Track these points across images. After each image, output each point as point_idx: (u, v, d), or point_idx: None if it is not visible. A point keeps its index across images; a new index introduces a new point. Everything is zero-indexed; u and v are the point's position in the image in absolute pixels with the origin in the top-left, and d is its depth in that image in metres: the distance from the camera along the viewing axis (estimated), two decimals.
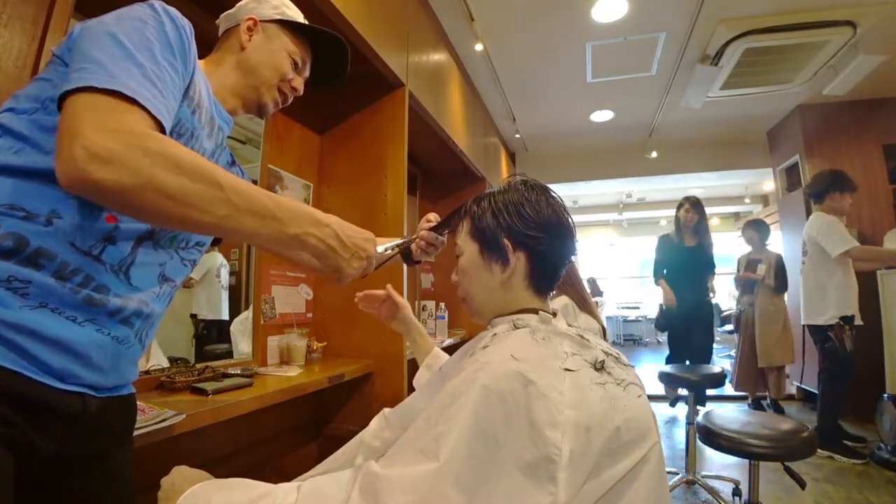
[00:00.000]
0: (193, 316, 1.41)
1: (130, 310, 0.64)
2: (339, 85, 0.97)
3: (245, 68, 0.81)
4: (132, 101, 0.52)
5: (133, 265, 0.64)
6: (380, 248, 0.78)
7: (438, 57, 2.38)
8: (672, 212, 3.72)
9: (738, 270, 3.88)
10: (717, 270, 3.57)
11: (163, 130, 0.56)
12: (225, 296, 1.50)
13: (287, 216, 0.59)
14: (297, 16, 0.88)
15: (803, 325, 3.06)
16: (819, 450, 2.66)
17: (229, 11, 0.85)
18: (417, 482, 0.50)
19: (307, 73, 0.90)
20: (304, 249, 0.63)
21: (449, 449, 0.50)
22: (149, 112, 0.53)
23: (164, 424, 0.83)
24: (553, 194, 0.75)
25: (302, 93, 0.89)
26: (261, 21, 0.83)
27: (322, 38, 0.88)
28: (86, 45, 0.54)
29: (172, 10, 0.63)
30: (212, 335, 1.46)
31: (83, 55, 0.53)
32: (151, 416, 0.83)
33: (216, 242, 0.90)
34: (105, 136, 0.48)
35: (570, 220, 0.74)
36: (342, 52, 0.91)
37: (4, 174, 0.55)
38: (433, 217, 0.98)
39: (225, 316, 1.50)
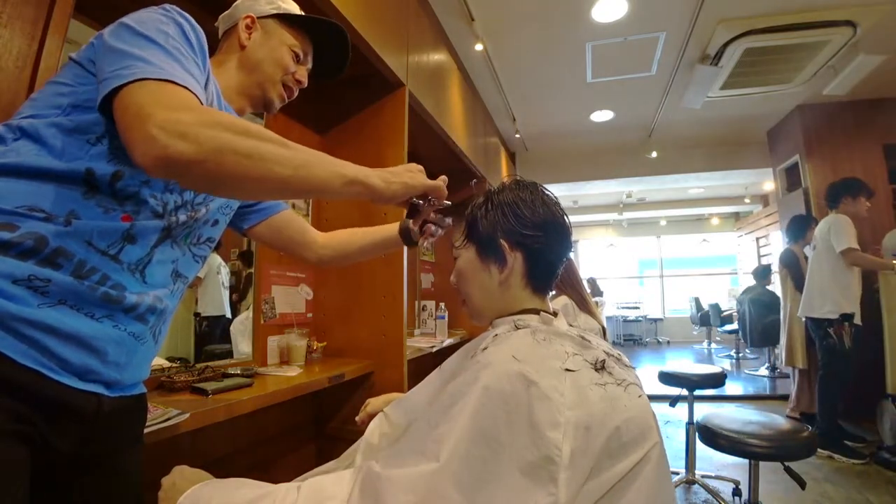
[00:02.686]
0: (197, 314, 1.42)
1: (145, 306, 0.65)
2: (340, 75, 0.97)
3: (248, 66, 0.82)
4: (183, 87, 0.55)
5: (150, 264, 0.66)
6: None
7: (438, 57, 2.37)
8: (672, 212, 3.63)
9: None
10: (715, 270, 3.49)
11: None
12: (226, 294, 1.51)
13: (338, 161, 0.63)
14: (294, 9, 0.88)
15: (804, 321, 3.09)
16: (819, 449, 2.66)
17: (226, 12, 0.85)
18: (418, 482, 0.50)
19: (310, 65, 0.90)
20: (359, 187, 0.65)
21: (449, 449, 0.50)
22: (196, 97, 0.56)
23: (169, 423, 0.84)
24: (546, 192, 0.75)
25: (307, 85, 0.89)
26: (258, 18, 0.83)
27: (320, 27, 0.88)
28: (119, 46, 0.56)
29: (185, 13, 0.65)
30: (215, 333, 1.46)
31: (120, 54, 0.56)
32: (157, 416, 0.84)
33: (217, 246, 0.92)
34: (176, 114, 0.51)
35: (565, 217, 0.74)
36: (342, 40, 0.91)
37: (24, 176, 0.56)
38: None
39: (227, 313, 1.51)
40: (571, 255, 2.22)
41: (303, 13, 0.89)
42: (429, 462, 0.51)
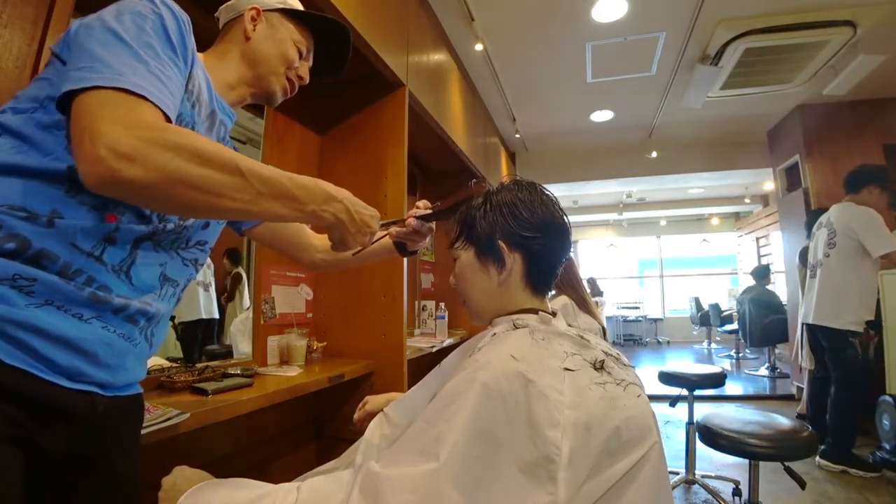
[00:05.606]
0: (172, 318, 1.33)
1: (134, 308, 0.64)
2: (339, 74, 0.96)
3: (251, 58, 0.81)
4: (142, 97, 0.53)
5: (133, 266, 0.64)
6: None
7: (438, 57, 2.38)
8: (672, 212, 3.60)
9: None
10: (715, 270, 3.32)
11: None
12: (204, 293, 1.44)
13: (303, 194, 0.62)
14: (297, 5, 0.88)
15: (805, 325, 2.92)
16: (832, 464, 2.54)
17: (230, 2, 0.84)
18: (417, 482, 0.50)
19: (311, 62, 0.90)
20: (319, 223, 0.67)
21: (448, 449, 0.50)
22: (157, 107, 0.54)
23: (169, 423, 0.83)
24: (546, 192, 0.74)
25: (308, 82, 0.88)
26: (264, 10, 0.82)
27: (324, 25, 0.87)
28: (87, 42, 0.54)
29: (171, 2, 0.63)
30: (196, 336, 1.40)
31: (85, 52, 0.53)
32: (157, 416, 0.83)
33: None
34: (127, 134, 0.49)
35: (564, 217, 0.73)
36: (343, 39, 0.91)
37: (4, 174, 0.55)
38: (422, 204, 0.98)
39: (206, 314, 1.44)
40: (571, 254, 2.19)
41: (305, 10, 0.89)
42: (428, 462, 0.51)
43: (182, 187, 0.52)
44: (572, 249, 0.77)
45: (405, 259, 1.75)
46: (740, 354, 6.60)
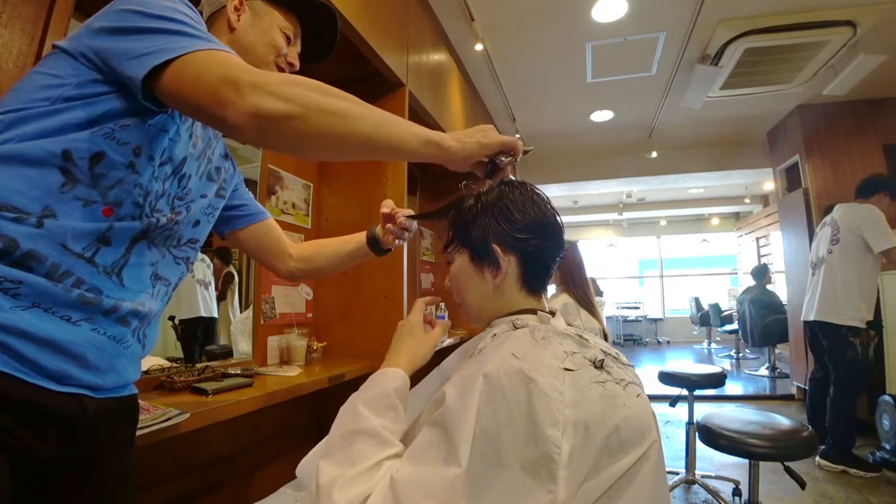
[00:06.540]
0: (172, 318, 1.33)
1: (126, 309, 0.62)
2: (328, 58, 0.95)
3: (238, 49, 0.78)
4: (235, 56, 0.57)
5: (126, 266, 0.63)
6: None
7: (438, 57, 2.38)
8: (672, 212, 3.61)
9: None
10: (715, 270, 3.31)
11: None
12: (204, 292, 1.44)
13: (413, 123, 0.66)
14: None
15: (805, 324, 2.91)
16: (832, 464, 2.54)
17: None
18: (438, 487, 0.50)
19: (300, 47, 0.88)
20: (440, 149, 0.68)
21: (465, 452, 0.51)
22: None
23: (169, 423, 0.83)
24: (537, 191, 0.74)
25: (298, 68, 0.86)
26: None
27: (309, 8, 0.86)
28: (148, 25, 0.56)
29: None
30: (196, 335, 1.40)
31: (154, 32, 0.56)
32: (156, 416, 0.83)
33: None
34: (259, 75, 0.54)
35: (556, 216, 0.73)
36: (330, 22, 0.89)
37: None
38: (390, 202, 1.02)
39: (205, 312, 1.43)
40: (581, 256, 2.16)
41: None
42: (448, 467, 0.51)
43: (320, 114, 0.56)
44: (566, 247, 0.77)
45: (405, 259, 1.76)
46: (740, 354, 6.61)
